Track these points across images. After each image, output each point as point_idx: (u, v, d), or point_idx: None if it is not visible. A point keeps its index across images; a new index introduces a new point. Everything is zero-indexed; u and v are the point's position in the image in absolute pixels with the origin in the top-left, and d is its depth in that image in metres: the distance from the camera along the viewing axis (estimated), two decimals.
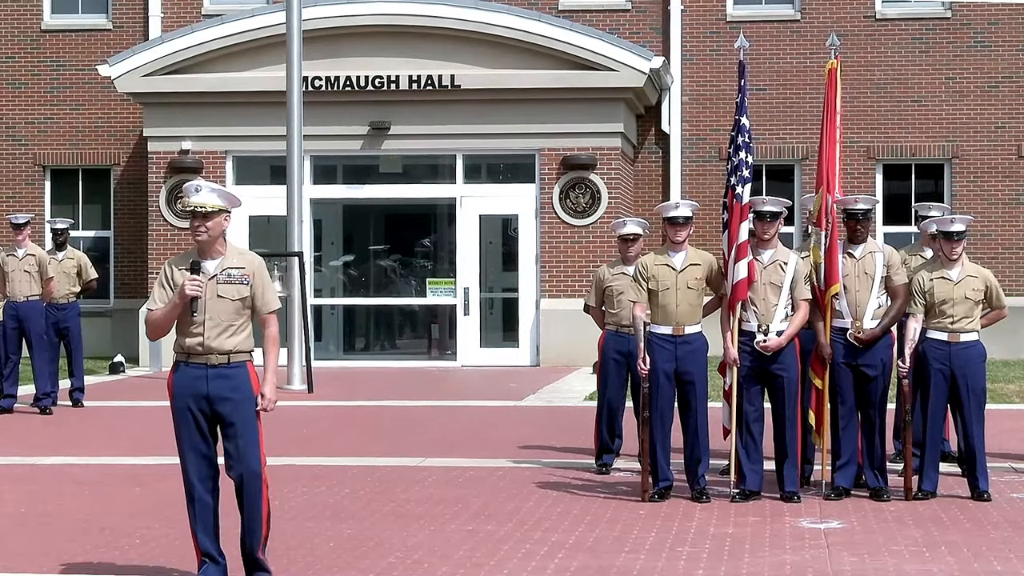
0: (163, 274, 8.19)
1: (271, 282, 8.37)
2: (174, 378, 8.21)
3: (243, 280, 8.18)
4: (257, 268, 8.27)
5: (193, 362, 8.16)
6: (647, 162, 25.29)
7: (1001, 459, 12.66)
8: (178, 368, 8.22)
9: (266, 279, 8.28)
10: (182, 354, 8.19)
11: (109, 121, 25.99)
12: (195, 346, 8.13)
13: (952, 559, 8.98)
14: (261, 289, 8.26)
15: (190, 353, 8.16)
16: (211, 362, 8.13)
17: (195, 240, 8.16)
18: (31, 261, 17.16)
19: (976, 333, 11.17)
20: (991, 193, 24.58)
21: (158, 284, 8.19)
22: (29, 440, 14.86)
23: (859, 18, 24.73)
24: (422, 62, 23.39)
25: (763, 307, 10.99)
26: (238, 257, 8.25)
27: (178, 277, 8.11)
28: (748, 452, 11.03)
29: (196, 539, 8.30)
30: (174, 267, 8.17)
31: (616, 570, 8.70)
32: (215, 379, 8.12)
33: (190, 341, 8.14)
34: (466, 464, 12.95)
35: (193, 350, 8.14)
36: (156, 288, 8.20)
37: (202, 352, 8.13)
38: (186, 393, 8.16)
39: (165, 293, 8.14)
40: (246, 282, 8.19)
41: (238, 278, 8.17)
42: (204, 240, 8.11)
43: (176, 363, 8.24)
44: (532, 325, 23.53)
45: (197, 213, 8.06)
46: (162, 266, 8.26)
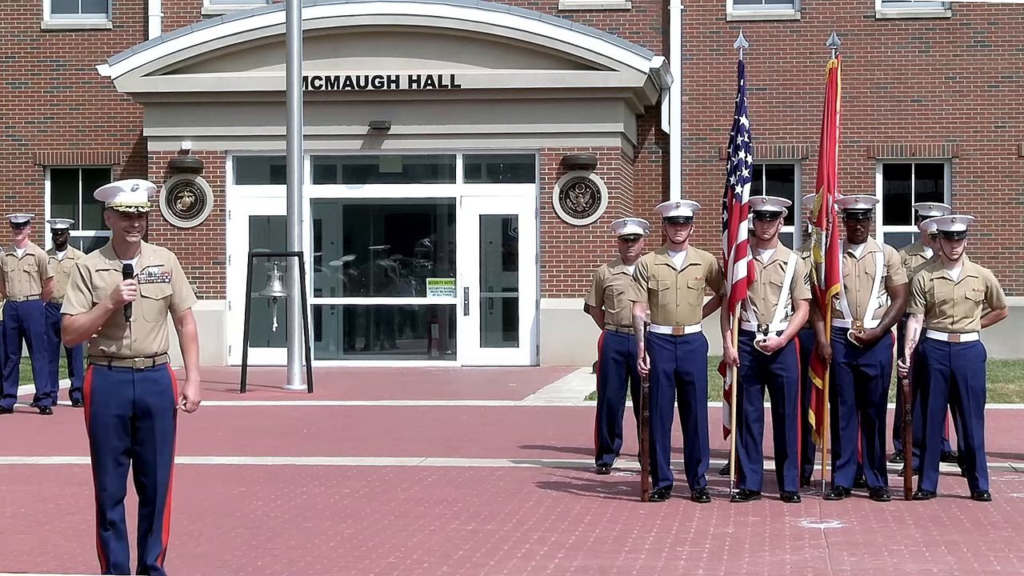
0: (78, 276, 7.86)
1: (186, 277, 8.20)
2: (95, 384, 7.89)
3: (164, 278, 7.99)
4: (174, 264, 8.09)
5: (117, 366, 7.89)
6: (647, 162, 25.29)
7: (1001, 459, 12.66)
8: (98, 373, 7.91)
9: (182, 275, 8.12)
10: (103, 358, 7.89)
11: (109, 121, 25.99)
12: (122, 349, 7.88)
13: (952, 559, 8.98)
14: (179, 285, 8.07)
15: (114, 357, 7.89)
16: (137, 365, 7.91)
17: (124, 240, 7.86)
18: (31, 261, 17.17)
19: (976, 333, 11.17)
20: (991, 193, 24.58)
21: (73, 287, 7.84)
22: (29, 440, 14.86)
23: (859, 18, 24.72)
24: (422, 62, 23.39)
25: (763, 307, 10.99)
26: (154, 255, 8.01)
27: (99, 280, 7.84)
28: (748, 452, 11.03)
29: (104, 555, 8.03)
30: (91, 269, 7.87)
31: (616, 570, 8.70)
32: (141, 383, 7.90)
33: (114, 344, 7.88)
34: (466, 464, 12.95)
35: (118, 354, 7.88)
36: (71, 292, 7.84)
37: (129, 355, 7.90)
38: (110, 399, 7.86)
39: (83, 296, 7.83)
40: (167, 280, 8.01)
41: (159, 276, 7.97)
42: (134, 241, 7.88)
43: (92, 368, 7.93)
44: (532, 325, 23.53)
45: (131, 213, 7.81)
46: (74, 267, 7.93)
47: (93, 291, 7.85)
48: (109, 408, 7.88)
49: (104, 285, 7.85)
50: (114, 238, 7.97)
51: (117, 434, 7.91)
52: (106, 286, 7.85)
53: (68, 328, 7.87)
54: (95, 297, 7.84)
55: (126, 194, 7.84)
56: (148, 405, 7.93)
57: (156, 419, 7.96)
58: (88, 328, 7.83)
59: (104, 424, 7.89)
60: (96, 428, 7.92)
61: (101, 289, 7.85)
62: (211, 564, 8.92)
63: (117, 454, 7.94)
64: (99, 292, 7.85)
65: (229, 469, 12.81)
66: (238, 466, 12.95)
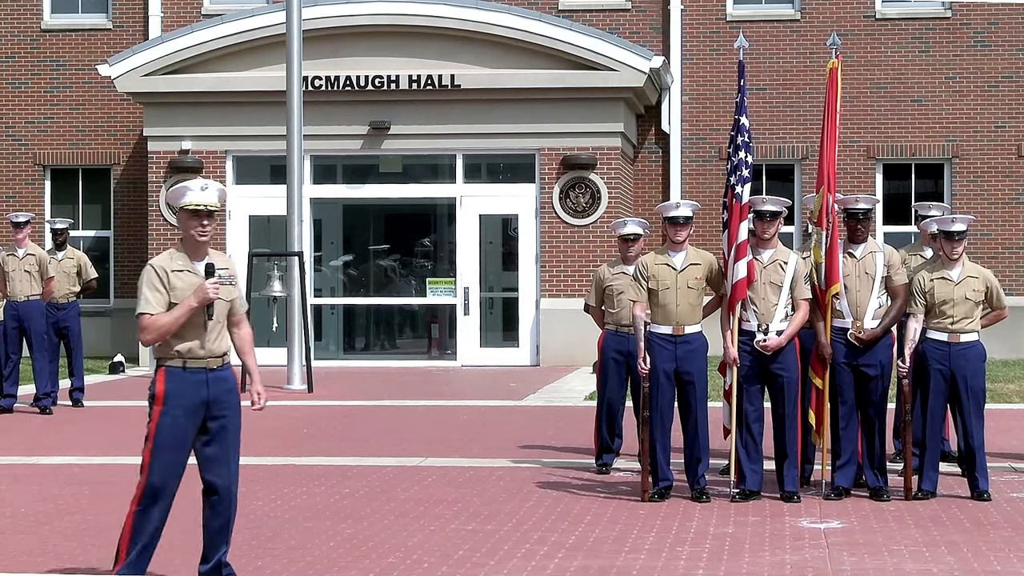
0: (154, 276, 7.85)
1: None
2: (170, 385, 7.88)
3: (231, 281, 8.05)
4: (235, 269, 8.18)
5: (192, 366, 7.91)
6: (647, 162, 25.30)
7: (1001, 459, 12.66)
8: (171, 374, 7.91)
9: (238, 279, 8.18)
10: (177, 359, 7.90)
11: (109, 121, 26.00)
12: (197, 350, 7.92)
13: (952, 559, 8.98)
14: (239, 290, 8.15)
15: (189, 357, 7.91)
16: (210, 365, 7.94)
17: (195, 240, 7.92)
18: (31, 261, 17.16)
19: (976, 333, 11.17)
20: (991, 193, 24.58)
21: (150, 287, 7.82)
22: (29, 440, 14.86)
23: (859, 18, 24.73)
24: (422, 62, 23.40)
25: (763, 307, 10.99)
26: (220, 258, 8.06)
27: (177, 280, 7.86)
28: (748, 452, 11.03)
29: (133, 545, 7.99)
30: (167, 270, 7.88)
31: (616, 570, 8.70)
32: (214, 382, 7.94)
33: (192, 345, 7.90)
34: (466, 464, 12.95)
35: (194, 354, 7.91)
36: (148, 292, 7.82)
37: (203, 355, 7.93)
38: (185, 401, 7.86)
39: (162, 296, 7.83)
40: (233, 283, 8.07)
41: (227, 279, 8.00)
42: (206, 240, 7.94)
43: (166, 370, 7.92)
44: (532, 325, 23.53)
45: (202, 212, 7.87)
46: (146, 268, 7.89)
47: (171, 291, 7.84)
48: (184, 409, 7.87)
49: (183, 286, 7.86)
50: (184, 239, 7.98)
51: (187, 435, 7.91)
52: (184, 287, 7.85)
53: (150, 328, 7.82)
54: (172, 297, 7.84)
55: (195, 193, 7.88)
56: (221, 404, 7.96)
57: (228, 417, 8.00)
58: (171, 328, 7.82)
59: (178, 425, 7.87)
60: (166, 430, 7.86)
61: (179, 289, 7.85)
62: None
63: (182, 454, 7.94)
64: (176, 292, 7.85)
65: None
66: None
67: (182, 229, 7.99)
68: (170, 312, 7.83)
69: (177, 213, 7.97)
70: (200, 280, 7.89)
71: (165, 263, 7.92)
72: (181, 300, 7.84)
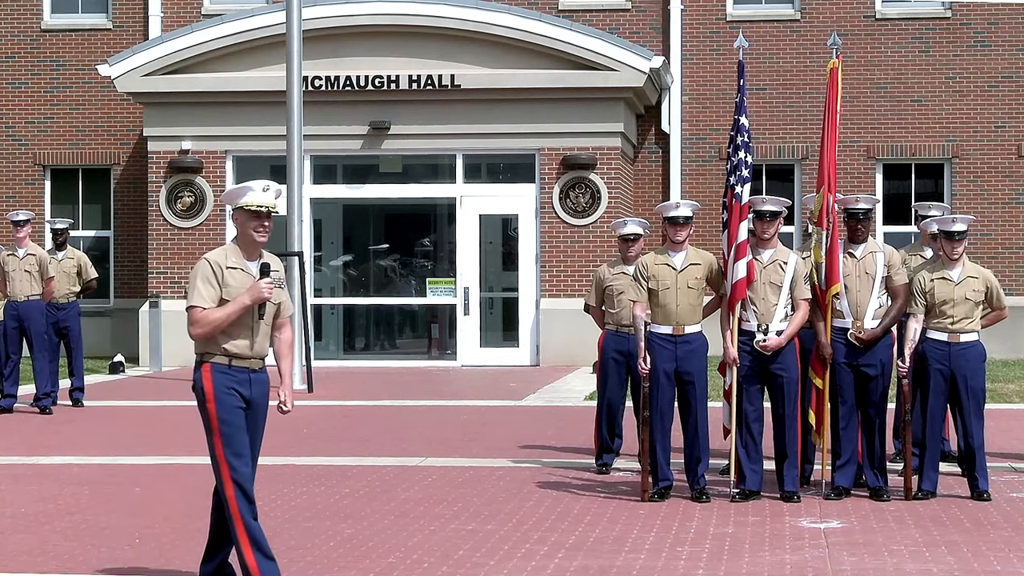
0: (209, 271, 7.79)
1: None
2: (217, 381, 7.81)
3: (280, 283, 8.04)
4: (283, 272, 8.16)
5: (237, 365, 7.85)
6: (647, 162, 25.30)
7: (1001, 459, 12.66)
8: (217, 371, 7.84)
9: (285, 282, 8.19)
10: (223, 356, 7.83)
11: (109, 121, 26.00)
12: (244, 350, 7.86)
13: (952, 559, 8.98)
14: (287, 293, 8.14)
15: (236, 356, 7.85)
16: (253, 366, 7.90)
17: (254, 240, 7.86)
18: (31, 261, 17.16)
19: (976, 333, 11.17)
20: (991, 193, 24.58)
21: (204, 281, 7.77)
22: (29, 440, 14.86)
23: (859, 18, 24.73)
24: (422, 62, 23.40)
25: (763, 307, 10.99)
26: (272, 260, 8.04)
27: (230, 277, 7.81)
28: (748, 452, 11.03)
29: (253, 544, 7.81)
30: (222, 266, 7.82)
31: (616, 570, 8.70)
32: (255, 384, 7.90)
33: (239, 344, 7.84)
34: (466, 464, 12.95)
35: (242, 354, 7.85)
36: (202, 286, 7.76)
37: (250, 356, 7.88)
38: (231, 397, 7.81)
39: (214, 291, 7.77)
40: (282, 285, 8.07)
41: (277, 281, 8.00)
42: (264, 241, 7.91)
43: (211, 366, 7.84)
44: (532, 325, 23.53)
45: (263, 212, 7.85)
46: (202, 262, 7.82)
47: (223, 287, 7.81)
48: (233, 401, 7.82)
49: (236, 283, 7.83)
50: (241, 238, 7.93)
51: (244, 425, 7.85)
52: (237, 284, 7.82)
53: (201, 321, 7.76)
54: (224, 294, 7.81)
55: (257, 194, 7.87)
56: (257, 405, 7.94)
57: (260, 420, 7.99)
58: (222, 323, 7.77)
59: (234, 416, 7.81)
60: (224, 423, 7.79)
61: (232, 287, 7.82)
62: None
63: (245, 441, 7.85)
64: (229, 290, 7.82)
65: None
66: None
67: (239, 228, 7.93)
68: (223, 308, 7.78)
69: (235, 211, 7.91)
70: (252, 279, 7.86)
71: (220, 259, 7.87)
72: (233, 298, 7.80)
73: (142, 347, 23.60)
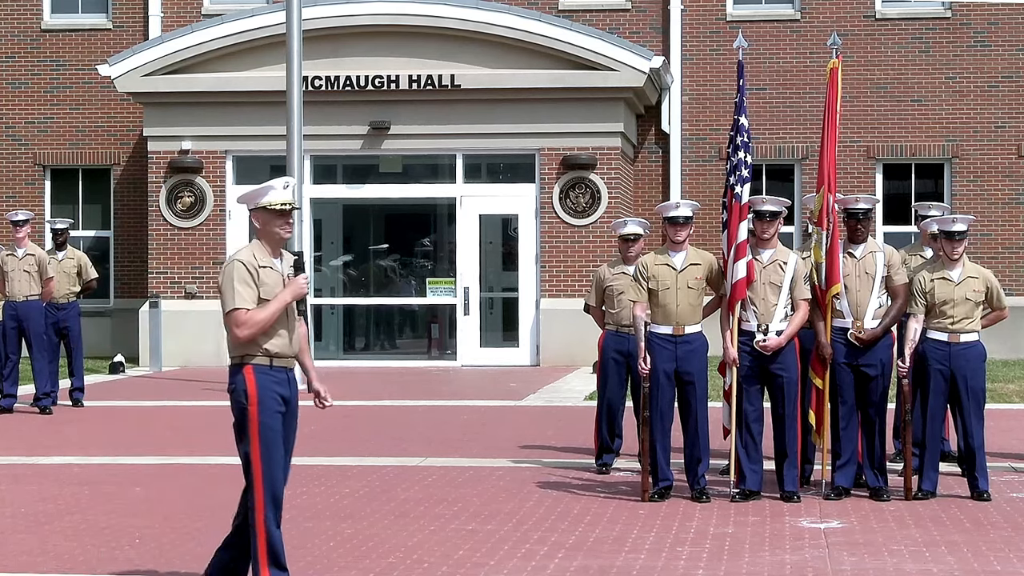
0: (244, 272, 7.72)
1: None
2: (261, 383, 7.78)
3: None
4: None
5: (277, 365, 7.84)
6: (647, 162, 25.30)
7: (1001, 459, 12.66)
8: (259, 372, 7.80)
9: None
10: (264, 356, 7.79)
11: (109, 121, 26.00)
12: (284, 349, 7.85)
13: (952, 559, 8.98)
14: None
15: (276, 356, 7.83)
16: (289, 365, 7.90)
17: (280, 238, 7.84)
18: (31, 261, 17.16)
19: (976, 333, 11.17)
20: (991, 193, 24.58)
21: (242, 283, 7.70)
22: (29, 440, 14.86)
23: (859, 18, 24.73)
24: (422, 62, 23.40)
25: (763, 307, 10.99)
26: (287, 255, 8.03)
27: (265, 276, 7.79)
28: (748, 452, 11.03)
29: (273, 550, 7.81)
30: (255, 265, 7.77)
31: (616, 570, 8.70)
32: (292, 383, 7.92)
33: (278, 343, 7.83)
34: (466, 464, 12.95)
35: (282, 353, 7.85)
36: (241, 287, 7.69)
37: (288, 355, 7.88)
38: (274, 398, 7.80)
39: (254, 292, 7.73)
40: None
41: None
42: (287, 238, 7.90)
43: (253, 367, 7.80)
44: (532, 325, 23.53)
45: (287, 210, 7.83)
46: (235, 264, 7.74)
47: (260, 287, 7.78)
48: (275, 405, 7.82)
49: (271, 282, 7.81)
50: (266, 237, 7.89)
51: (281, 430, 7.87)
52: (272, 283, 7.81)
53: (248, 323, 7.71)
54: (262, 293, 7.78)
55: (279, 192, 7.83)
56: (294, 404, 7.95)
57: (295, 418, 8.01)
58: (268, 322, 7.75)
59: (275, 421, 7.82)
60: (266, 428, 7.80)
61: (268, 286, 7.79)
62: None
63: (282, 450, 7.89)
64: (265, 288, 7.79)
65: (229, 469, 12.79)
66: (238, 466, 12.89)
67: (263, 227, 7.89)
68: (266, 307, 7.75)
69: (255, 211, 7.87)
70: (280, 276, 7.85)
71: (251, 259, 7.82)
72: (269, 296, 7.77)
73: (142, 347, 23.60)
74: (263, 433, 7.79)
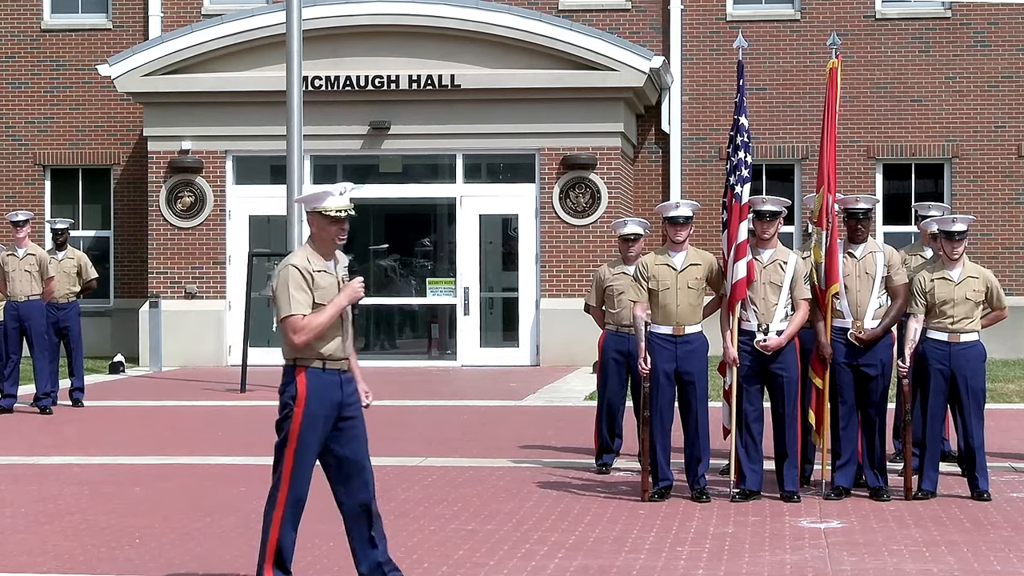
0: (299, 277, 7.76)
1: None
2: (311, 386, 7.83)
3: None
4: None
5: (330, 367, 7.89)
6: (647, 162, 25.30)
7: (1001, 459, 12.66)
8: (312, 375, 7.86)
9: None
10: (317, 359, 7.85)
11: (109, 121, 26.00)
12: (337, 351, 7.90)
13: (952, 559, 8.98)
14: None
15: (329, 358, 7.89)
16: (343, 367, 7.95)
17: (335, 243, 7.89)
18: (31, 261, 17.16)
19: (976, 333, 11.17)
20: (991, 193, 24.58)
21: (298, 288, 7.74)
22: (29, 440, 14.86)
23: (859, 18, 24.73)
24: (422, 62, 23.40)
25: (763, 307, 10.99)
26: (342, 257, 8.07)
27: (321, 280, 7.82)
28: (748, 452, 11.03)
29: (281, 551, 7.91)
30: (310, 270, 7.81)
31: (616, 570, 8.70)
32: (346, 384, 7.96)
33: (332, 346, 7.88)
34: (466, 464, 12.95)
35: (334, 355, 7.89)
36: (296, 293, 7.74)
37: (341, 357, 7.92)
38: (324, 400, 7.84)
39: (308, 297, 7.77)
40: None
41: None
42: (342, 243, 7.93)
43: (306, 370, 7.86)
44: (532, 325, 23.53)
45: (343, 217, 7.87)
46: (290, 270, 7.77)
47: (315, 291, 7.81)
48: (322, 410, 7.85)
49: (325, 285, 7.84)
50: (320, 241, 7.92)
51: (324, 437, 7.90)
52: (327, 287, 7.84)
53: (305, 328, 7.75)
54: (316, 298, 7.81)
55: (335, 198, 7.87)
56: (350, 406, 7.97)
57: (358, 419, 8.02)
58: (324, 327, 7.80)
59: (316, 427, 7.85)
60: (307, 431, 7.84)
61: (323, 289, 7.83)
62: (211, 564, 8.91)
63: (315, 457, 7.94)
64: (320, 293, 7.83)
65: (229, 469, 12.81)
66: (238, 466, 12.95)
67: (317, 231, 7.92)
68: (323, 312, 7.79)
69: (311, 215, 7.90)
70: (335, 280, 7.89)
71: (306, 263, 7.85)
72: (324, 300, 7.80)
73: (142, 347, 23.59)
74: (302, 436, 7.86)
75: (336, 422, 7.94)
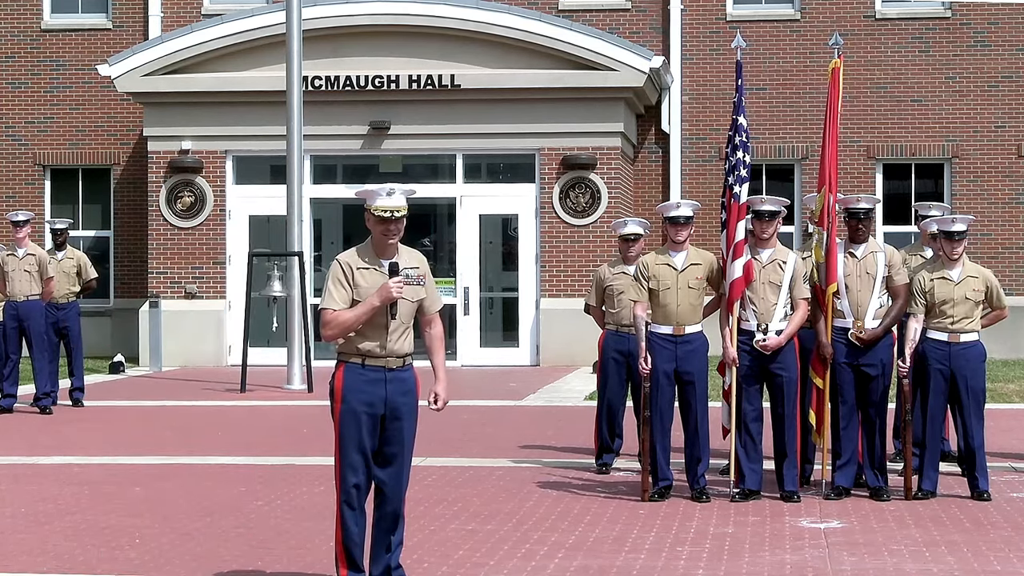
0: (339, 272, 7.85)
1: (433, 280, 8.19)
2: (347, 381, 7.89)
3: (420, 281, 8.03)
4: (426, 268, 8.15)
5: (371, 364, 7.92)
6: (647, 162, 25.30)
7: (1001, 459, 12.66)
8: (350, 370, 7.92)
9: (431, 278, 8.19)
10: (356, 356, 7.91)
11: (109, 121, 26.00)
12: (375, 348, 7.91)
13: (952, 559, 8.98)
14: (431, 288, 8.14)
15: (368, 355, 7.92)
16: (389, 365, 7.93)
17: (384, 242, 7.91)
18: (31, 261, 17.17)
19: (976, 333, 11.17)
20: (991, 193, 24.58)
21: (335, 284, 7.83)
22: (29, 440, 14.86)
23: (859, 18, 24.73)
24: (422, 62, 23.39)
25: (762, 306, 10.99)
26: (410, 256, 8.06)
27: (361, 278, 7.85)
28: (747, 452, 11.03)
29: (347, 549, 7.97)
30: (352, 267, 7.88)
31: (616, 570, 8.70)
32: (392, 382, 7.94)
33: (371, 344, 7.90)
34: (466, 464, 12.95)
35: (374, 353, 7.91)
36: (334, 288, 7.82)
37: (383, 355, 7.93)
38: (361, 397, 7.87)
39: (345, 293, 7.82)
40: (422, 283, 8.05)
41: (415, 279, 8.00)
42: (393, 243, 7.94)
43: (345, 366, 7.93)
44: (532, 325, 23.53)
45: (387, 217, 7.89)
46: (334, 264, 7.89)
47: (355, 288, 7.84)
48: (360, 405, 7.87)
49: (366, 284, 7.86)
50: (373, 239, 7.98)
51: (368, 431, 7.91)
52: (368, 285, 7.85)
53: (331, 323, 7.81)
54: (356, 295, 7.83)
55: (382, 199, 7.94)
56: (397, 405, 7.96)
57: (404, 420, 8.01)
58: (352, 324, 7.82)
59: (355, 421, 7.88)
60: (346, 425, 7.89)
61: (363, 288, 7.85)
62: (211, 564, 8.91)
63: (366, 450, 7.94)
64: (360, 290, 7.84)
65: (229, 469, 12.81)
66: (238, 466, 12.95)
67: (371, 228, 7.98)
68: (353, 309, 7.82)
69: (366, 212, 7.96)
70: (382, 278, 7.88)
71: (351, 259, 7.91)
72: (364, 298, 7.83)
73: (142, 347, 23.59)
74: (342, 430, 7.92)
75: (384, 420, 7.95)
